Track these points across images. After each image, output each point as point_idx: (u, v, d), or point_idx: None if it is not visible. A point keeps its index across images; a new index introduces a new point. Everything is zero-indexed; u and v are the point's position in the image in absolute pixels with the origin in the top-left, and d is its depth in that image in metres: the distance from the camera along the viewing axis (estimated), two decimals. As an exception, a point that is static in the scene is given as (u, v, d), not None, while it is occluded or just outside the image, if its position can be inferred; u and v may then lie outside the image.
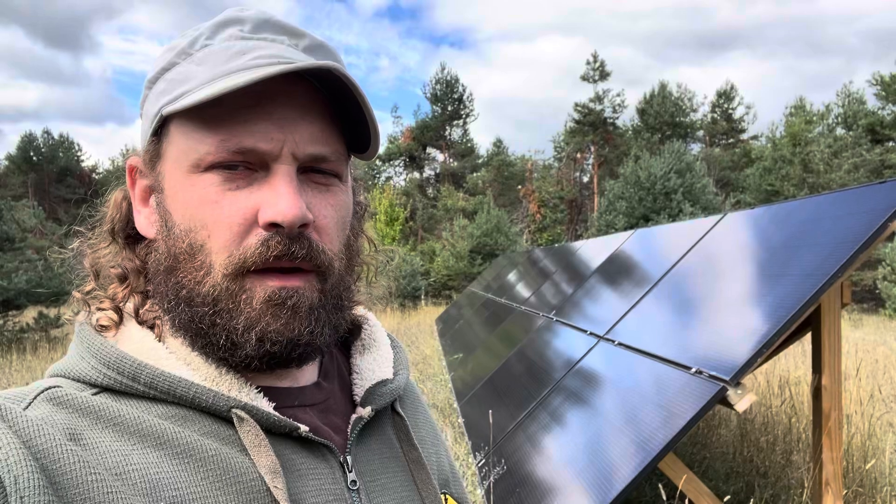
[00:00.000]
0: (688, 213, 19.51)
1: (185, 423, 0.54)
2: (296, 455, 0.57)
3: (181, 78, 0.57)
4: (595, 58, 38.84)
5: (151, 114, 0.59)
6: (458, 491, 0.78)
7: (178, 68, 0.58)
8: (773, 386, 5.12)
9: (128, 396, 0.54)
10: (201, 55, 0.57)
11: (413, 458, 0.67)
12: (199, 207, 0.55)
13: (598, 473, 2.58)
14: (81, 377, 0.55)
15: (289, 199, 0.53)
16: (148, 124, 0.59)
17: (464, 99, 40.29)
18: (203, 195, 0.54)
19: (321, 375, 0.67)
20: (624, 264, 5.05)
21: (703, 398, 2.41)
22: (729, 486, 3.70)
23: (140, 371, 0.54)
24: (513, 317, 7.04)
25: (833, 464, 2.67)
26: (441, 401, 6.46)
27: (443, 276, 22.78)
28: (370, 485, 0.62)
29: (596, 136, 38.57)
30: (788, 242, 2.97)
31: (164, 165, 0.58)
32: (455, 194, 34.94)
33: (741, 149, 36.78)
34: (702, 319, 3.04)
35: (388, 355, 0.74)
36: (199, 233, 0.55)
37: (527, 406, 3.93)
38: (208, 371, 0.57)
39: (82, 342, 0.58)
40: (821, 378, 2.71)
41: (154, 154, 0.59)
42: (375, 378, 0.69)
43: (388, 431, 0.69)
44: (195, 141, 0.55)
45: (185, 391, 0.54)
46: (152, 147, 0.59)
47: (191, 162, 0.55)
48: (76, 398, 0.52)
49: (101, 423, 0.51)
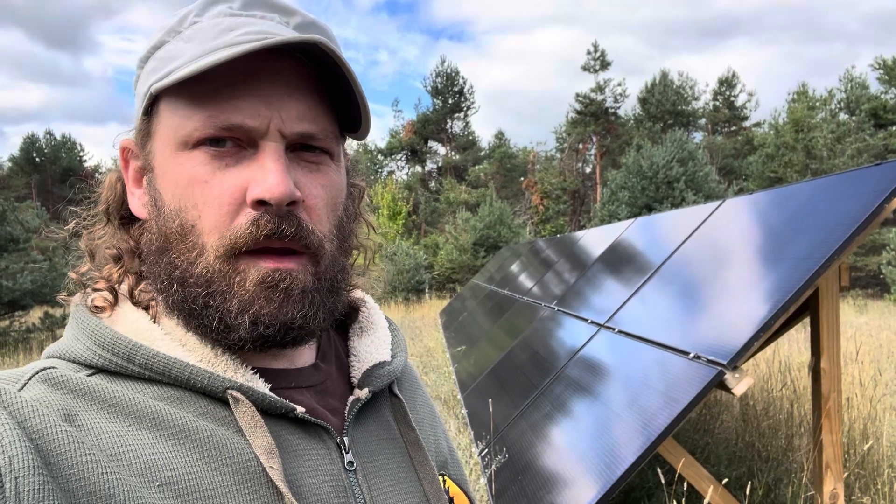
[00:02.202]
0: (690, 201, 19.46)
1: (181, 405, 0.54)
2: (292, 436, 0.57)
3: (170, 56, 0.56)
4: (596, 47, 38.68)
5: (142, 92, 0.58)
6: (457, 472, 0.78)
7: (167, 46, 0.58)
8: (775, 371, 5.12)
9: (123, 377, 0.54)
10: (189, 32, 0.57)
11: (411, 440, 0.67)
12: (189, 187, 0.54)
13: (599, 459, 2.59)
14: (77, 358, 0.55)
15: (276, 176, 0.53)
16: (139, 103, 0.59)
17: (464, 92, 40.20)
18: (192, 174, 0.54)
19: (319, 357, 0.68)
20: (624, 252, 5.05)
21: (701, 383, 2.43)
22: (731, 471, 3.72)
23: (135, 352, 0.54)
24: (515, 308, 7.05)
25: (833, 446, 2.69)
26: (445, 392, 6.49)
27: (446, 270, 22.79)
28: (367, 466, 0.62)
29: (598, 127, 38.44)
30: (786, 226, 2.98)
31: (155, 144, 0.58)
32: (457, 187, 34.91)
33: (744, 136, 36.61)
34: (700, 305, 3.05)
35: (385, 338, 0.74)
36: (189, 212, 0.54)
37: (528, 395, 3.94)
38: (203, 352, 0.57)
39: (77, 323, 0.57)
40: (819, 361, 2.72)
41: (145, 133, 0.59)
42: (373, 360, 0.70)
43: (385, 413, 0.69)
44: (183, 118, 0.54)
45: (180, 372, 0.54)
46: (143, 126, 0.59)
47: (179, 139, 0.54)
48: (71, 379, 0.52)
49: (96, 404, 0.51)
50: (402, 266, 19.70)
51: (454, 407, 5.87)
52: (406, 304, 18.44)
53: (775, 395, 4.58)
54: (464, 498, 0.74)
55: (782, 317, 2.44)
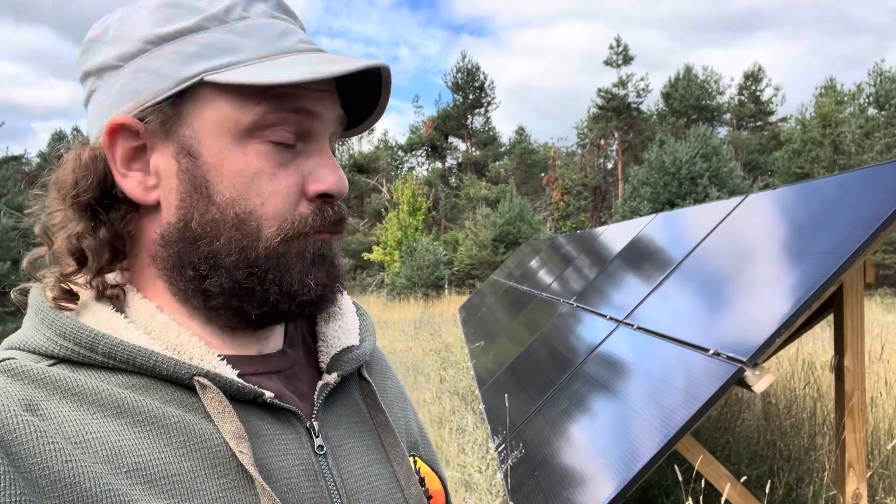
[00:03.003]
0: (714, 197, 19.21)
1: (146, 392, 0.53)
2: (261, 421, 0.57)
3: (226, 46, 0.56)
4: (618, 42, 38.28)
5: (174, 74, 0.56)
6: (428, 454, 0.78)
7: (212, 34, 0.56)
8: (798, 369, 5.04)
9: (86, 367, 0.53)
10: (242, 27, 0.57)
11: (380, 422, 0.68)
12: (255, 178, 0.57)
13: (616, 455, 2.58)
14: (37, 349, 0.54)
15: (339, 172, 0.60)
16: (160, 83, 0.56)
17: (485, 87, 40.03)
18: (259, 166, 0.57)
19: (286, 343, 0.68)
20: (645, 248, 5.01)
21: (720, 380, 2.39)
22: (752, 469, 3.67)
23: (98, 341, 0.53)
24: (534, 304, 7.03)
25: (856, 445, 2.64)
26: (463, 388, 6.49)
27: (466, 266, 22.78)
28: (337, 449, 0.62)
29: (620, 122, 38.06)
30: (810, 222, 2.92)
31: (196, 130, 0.56)
32: (477, 183, 34.85)
33: (769, 131, 36.00)
34: (721, 301, 3.01)
35: (353, 322, 0.75)
36: (251, 201, 0.57)
37: (546, 391, 3.93)
38: (169, 339, 0.57)
39: (37, 314, 0.56)
40: (843, 358, 2.67)
41: (171, 116, 0.57)
42: (341, 345, 0.70)
43: (355, 397, 0.69)
44: (246, 106, 0.56)
45: (145, 360, 0.53)
46: (168, 109, 0.56)
47: (242, 128, 0.56)
48: (31, 370, 0.50)
49: (58, 394, 0.50)
50: (421, 262, 19.74)
51: (472, 402, 5.87)
52: (425, 299, 18.47)
53: (798, 393, 4.50)
54: (435, 478, 0.74)
55: (805, 314, 2.39)
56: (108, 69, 0.59)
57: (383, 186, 34.71)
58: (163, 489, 0.49)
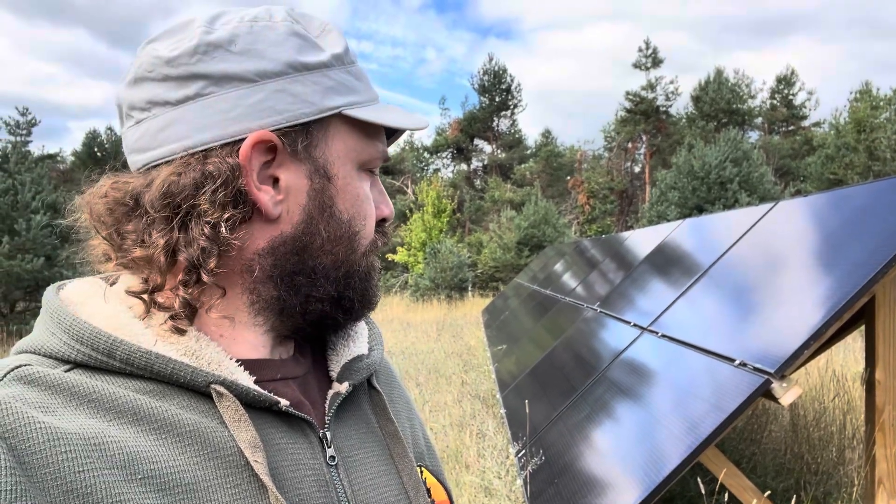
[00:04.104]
0: (744, 203, 18.87)
1: (163, 398, 0.54)
2: (275, 430, 0.58)
3: (349, 85, 0.63)
4: (647, 44, 37.87)
5: (317, 102, 0.60)
6: (434, 464, 0.78)
7: (338, 73, 0.63)
8: (827, 381, 4.92)
9: (102, 372, 0.53)
10: (355, 71, 0.65)
11: (389, 433, 0.68)
12: (365, 202, 0.66)
13: (638, 465, 2.54)
14: (52, 353, 0.53)
15: (390, 201, 0.71)
16: (310, 109, 0.59)
17: (512, 89, 39.92)
18: (366, 193, 0.66)
19: (296, 351, 0.68)
20: (671, 254, 4.94)
21: (746, 391, 2.35)
22: (778, 482, 3.59)
23: (115, 347, 0.53)
24: (557, 308, 6.98)
25: (887, 461, 2.56)
26: (484, 391, 6.47)
27: (490, 268, 22.71)
28: (348, 460, 0.63)
29: (648, 125, 37.63)
30: (841, 230, 2.85)
31: (329, 154, 0.62)
32: (503, 186, 34.75)
33: (802, 136, 35.25)
34: (748, 310, 2.95)
35: (362, 331, 0.75)
36: (359, 221, 0.65)
37: (568, 397, 3.90)
38: (187, 344, 0.57)
39: (52, 317, 0.56)
40: (874, 371, 2.60)
41: (308, 138, 0.60)
42: (351, 354, 0.70)
43: (364, 406, 0.70)
44: (366, 144, 0.65)
45: (162, 367, 0.53)
46: (302, 131, 0.60)
47: (362, 160, 0.65)
48: (48, 376, 0.50)
49: (75, 401, 0.50)
50: (445, 264, 19.74)
51: (493, 406, 5.84)
52: (448, 301, 18.47)
53: (827, 405, 4.40)
54: (440, 488, 0.75)
55: (835, 325, 2.33)
56: (235, 79, 0.57)
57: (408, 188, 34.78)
58: (177, 497, 0.49)
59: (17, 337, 11.26)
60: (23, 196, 11.75)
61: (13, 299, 11.94)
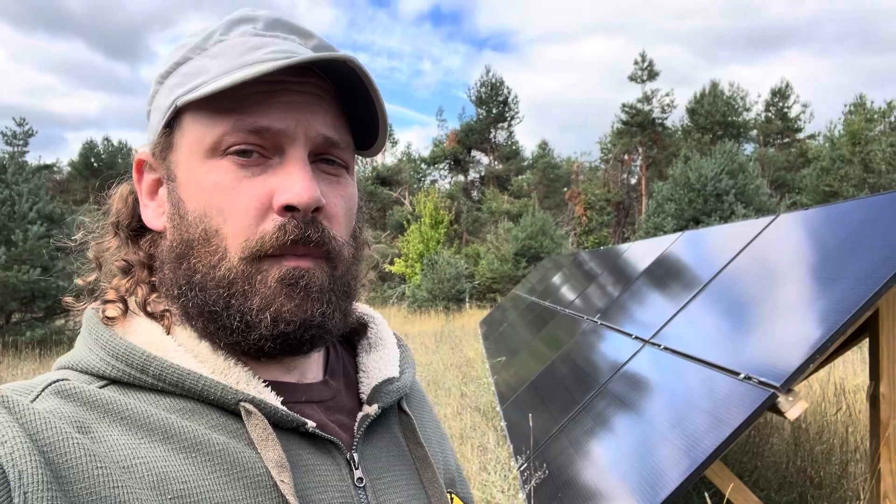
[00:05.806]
0: (740, 215, 18.94)
1: (193, 417, 0.54)
2: (302, 450, 0.57)
3: (196, 71, 0.58)
4: (643, 57, 38.14)
5: (164, 106, 0.60)
6: (464, 491, 0.77)
7: (192, 62, 0.60)
8: (829, 394, 4.92)
9: (135, 389, 0.54)
10: (216, 50, 0.59)
11: (419, 457, 0.67)
12: (215, 193, 0.56)
13: (642, 480, 2.53)
14: (89, 369, 0.55)
15: (304, 182, 0.55)
16: (160, 116, 0.60)
17: (508, 101, 40.10)
18: (218, 181, 0.56)
19: (327, 374, 0.68)
20: (671, 267, 4.94)
21: (751, 405, 2.34)
22: (781, 496, 3.58)
23: (149, 363, 0.54)
24: (557, 320, 6.97)
25: (892, 476, 2.56)
26: (484, 404, 6.44)
27: (487, 280, 22.70)
28: (376, 482, 0.62)
29: (644, 138, 37.80)
30: (843, 244, 2.86)
31: (177, 155, 0.59)
32: (500, 197, 34.81)
33: (797, 148, 35.46)
34: (751, 323, 2.95)
35: (394, 354, 0.74)
36: (214, 218, 0.56)
37: (570, 410, 3.88)
38: (216, 363, 0.57)
39: (91, 334, 0.57)
40: (878, 385, 2.60)
41: (165, 145, 0.60)
42: (382, 376, 0.69)
43: (394, 430, 0.69)
44: (210, 126, 0.56)
45: (193, 383, 0.54)
46: (163, 139, 0.60)
47: (206, 147, 0.56)
48: (84, 391, 0.51)
49: (108, 417, 0.51)
50: (442, 275, 19.73)
51: (493, 419, 5.82)
52: (446, 312, 18.44)
53: (829, 418, 4.39)
54: None
55: (839, 339, 2.34)
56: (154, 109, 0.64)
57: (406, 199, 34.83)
58: None
59: (12, 348, 11.17)
60: (20, 206, 11.72)
61: (9, 310, 11.86)
